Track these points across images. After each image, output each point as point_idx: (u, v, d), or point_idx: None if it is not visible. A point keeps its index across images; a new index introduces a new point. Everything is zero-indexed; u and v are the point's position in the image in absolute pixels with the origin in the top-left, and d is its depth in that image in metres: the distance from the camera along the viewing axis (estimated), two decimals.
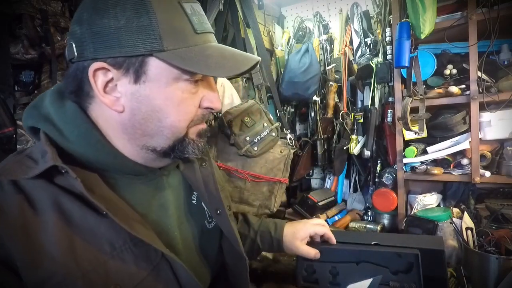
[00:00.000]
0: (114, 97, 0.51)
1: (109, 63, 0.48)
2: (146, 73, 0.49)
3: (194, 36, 0.51)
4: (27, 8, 1.13)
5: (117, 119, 0.52)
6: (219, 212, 0.67)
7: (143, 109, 0.51)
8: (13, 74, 1.19)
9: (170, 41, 0.48)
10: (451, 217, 1.21)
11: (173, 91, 0.51)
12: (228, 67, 0.51)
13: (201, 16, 0.53)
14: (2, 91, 1.20)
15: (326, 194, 1.67)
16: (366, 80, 1.59)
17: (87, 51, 0.48)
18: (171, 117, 0.52)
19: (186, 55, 0.49)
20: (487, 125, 1.29)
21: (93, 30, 0.47)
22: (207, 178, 0.69)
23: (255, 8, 1.54)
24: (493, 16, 1.16)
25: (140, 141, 0.54)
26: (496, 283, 0.96)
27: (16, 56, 1.15)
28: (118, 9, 0.47)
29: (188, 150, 0.56)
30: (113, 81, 0.50)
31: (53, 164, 0.46)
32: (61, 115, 0.52)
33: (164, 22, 0.47)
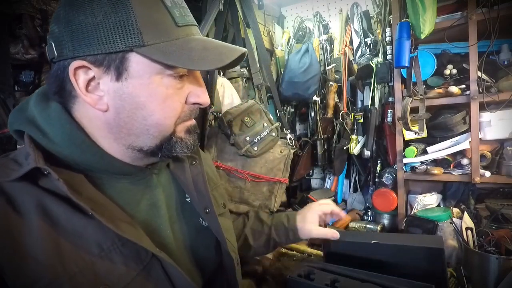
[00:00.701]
0: (97, 95, 0.49)
1: (89, 61, 0.47)
2: (128, 69, 0.48)
3: (175, 29, 0.49)
4: (27, 8, 1.13)
5: (102, 119, 0.51)
6: (208, 211, 0.66)
7: (127, 107, 0.50)
8: (13, 74, 1.19)
9: (150, 35, 0.47)
10: (451, 217, 1.21)
11: (157, 87, 0.50)
12: (211, 60, 0.50)
13: (183, 9, 0.51)
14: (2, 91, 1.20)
15: (326, 194, 1.67)
16: (366, 80, 1.59)
17: (66, 49, 0.47)
18: (156, 115, 0.51)
19: (167, 49, 0.47)
20: (487, 125, 1.29)
21: (71, 28, 0.46)
22: (197, 176, 0.68)
23: (255, 8, 1.54)
24: (493, 16, 1.16)
25: (126, 141, 0.53)
26: (496, 283, 0.96)
27: (16, 56, 1.15)
28: (94, 4, 0.46)
29: (176, 148, 0.55)
30: (95, 80, 0.49)
31: (35, 166, 0.45)
32: (45, 116, 0.51)
33: (143, 16, 0.46)
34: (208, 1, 1.38)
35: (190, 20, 0.52)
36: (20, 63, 1.19)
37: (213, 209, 0.66)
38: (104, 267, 0.48)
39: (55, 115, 0.51)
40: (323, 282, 0.82)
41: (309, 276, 0.85)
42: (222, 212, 0.76)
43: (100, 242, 0.48)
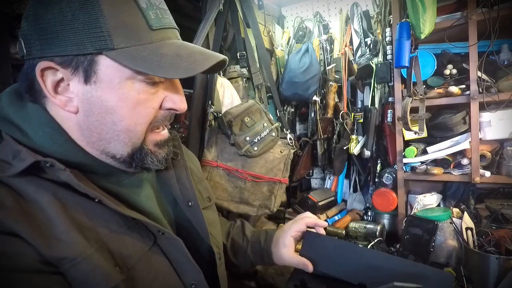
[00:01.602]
0: (66, 97, 0.48)
1: (56, 62, 0.45)
2: (97, 72, 0.46)
3: (148, 33, 0.47)
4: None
5: (73, 121, 0.50)
6: (191, 205, 0.65)
7: (95, 111, 0.48)
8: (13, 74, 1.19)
9: (120, 38, 0.45)
10: (451, 217, 1.21)
11: (128, 92, 0.48)
12: (182, 68, 0.47)
13: (160, 10, 0.49)
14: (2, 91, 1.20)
15: (326, 194, 1.67)
16: (366, 80, 1.59)
17: (34, 48, 0.46)
18: (126, 120, 0.49)
19: (137, 54, 0.45)
20: (487, 125, 1.29)
21: (39, 26, 0.45)
22: (179, 170, 0.68)
23: (255, 8, 1.54)
24: (493, 16, 1.16)
25: (99, 146, 0.51)
26: (496, 283, 0.96)
27: (16, 56, 1.14)
28: (63, 3, 0.44)
29: (147, 160, 0.54)
30: (64, 81, 0.47)
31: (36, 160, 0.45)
32: (23, 116, 0.49)
33: (112, 18, 0.44)
34: (208, 1, 1.38)
35: (167, 23, 0.50)
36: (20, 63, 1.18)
37: (197, 202, 0.66)
38: (114, 247, 0.49)
39: (34, 114, 0.49)
40: None
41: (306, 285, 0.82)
42: (207, 205, 0.75)
43: (108, 225, 0.50)
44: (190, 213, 0.65)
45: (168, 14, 0.51)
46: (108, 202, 0.49)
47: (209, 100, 1.33)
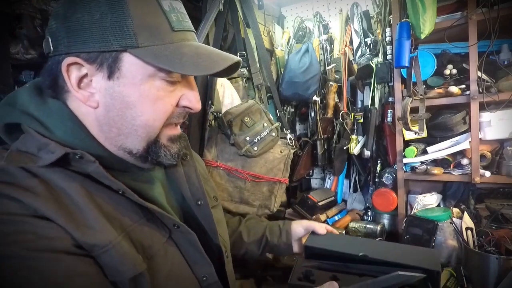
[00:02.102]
0: (88, 92, 0.50)
1: (82, 58, 0.48)
2: (120, 69, 0.48)
3: (170, 34, 0.50)
4: (27, 8, 1.13)
5: (93, 116, 0.52)
6: (200, 203, 0.67)
7: (117, 106, 0.50)
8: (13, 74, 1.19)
9: (144, 37, 0.47)
10: (451, 217, 1.21)
11: (148, 89, 0.50)
12: (202, 66, 0.50)
13: (181, 14, 0.52)
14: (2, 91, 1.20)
15: (326, 194, 1.67)
16: (366, 80, 1.59)
17: (61, 45, 0.48)
18: (145, 115, 0.51)
19: (160, 52, 0.48)
20: (487, 125, 1.29)
21: (67, 24, 0.47)
22: (189, 170, 0.69)
23: (255, 8, 1.54)
24: (493, 16, 1.16)
25: (117, 141, 0.53)
26: (496, 283, 0.97)
27: (16, 56, 1.15)
28: (92, 3, 0.46)
29: (160, 153, 0.56)
30: (88, 77, 0.50)
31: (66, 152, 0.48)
32: (45, 111, 0.51)
33: (138, 18, 0.47)
34: (208, 1, 1.38)
35: (186, 26, 0.53)
36: (20, 63, 1.19)
37: (206, 201, 0.68)
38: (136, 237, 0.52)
39: (56, 110, 0.52)
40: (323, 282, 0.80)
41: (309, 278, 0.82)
42: (214, 204, 0.77)
43: (130, 216, 0.53)
44: (199, 212, 0.67)
45: (187, 18, 0.54)
46: (131, 193, 0.52)
47: (209, 100, 1.33)
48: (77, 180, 0.49)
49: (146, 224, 0.55)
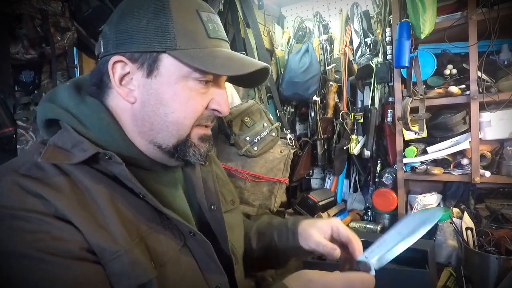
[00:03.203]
0: (128, 89, 0.55)
1: (126, 57, 0.53)
2: (158, 68, 0.54)
3: (206, 40, 0.55)
4: (27, 8, 1.13)
5: (130, 110, 0.56)
6: (213, 208, 0.67)
7: (152, 102, 0.55)
8: (13, 74, 1.19)
9: (182, 41, 0.53)
10: (451, 217, 1.21)
11: (182, 88, 0.55)
12: (233, 68, 0.54)
13: (217, 25, 0.57)
14: (2, 91, 1.20)
15: (326, 194, 1.67)
16: (366, 80, 1.59)
17: (110, 46, 0.55)
18: (176, 113, 0.55)
19: (195, 55, 0.53)
20: (487, 125, 1.29)
21: (118, 28, 0.54)
22: (207, 174, 0.71)
23: (255, 8, 1.54)
24: (493, 16, 1.16)
25: (149, 136, 0.57)
26: (496, 283, 0.97)
27: (16, 56, 1.14)
28: (141, 11, 0.53)
29: (189, 152, 0.58)
30: (130, 75, 0.55)
31: (97, 152, 0.51)
32: (83, 108, 0.55)
33: (179, 24, 0.53)
34: (208, 1, 1.38)
35: (221, 35, 0.58)
36: (20, 63, 1.19)
37: (219, 206, 0.68)
38: (151, 243, 0.53)
39: (94, 108, 0.56)
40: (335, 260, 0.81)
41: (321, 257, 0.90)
42: (230, 208, 0.76)
43: (148, 221, 0.54)
44: (211, 217, 0.67)
45: (222, 29, 0.59)
46: (151, 199, 0.53)
47: None
48: (103, 181, 0.52)
49: (162, 230, 0.56)
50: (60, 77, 1.29)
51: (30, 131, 1.25)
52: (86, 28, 1.35)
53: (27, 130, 1.25)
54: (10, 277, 0.43)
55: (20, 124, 1.24)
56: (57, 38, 1.21)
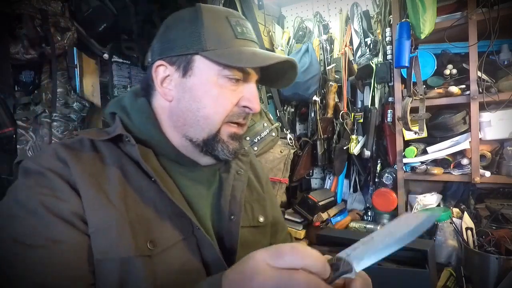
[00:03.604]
0: (167, 89, 0.63)
1: (167, 61, 0.61)
2: (192, 68, 0.60)
3: (233, 40, 0.60)
4: (27, 8, 1.13)
5: (168, 108, 0.63)
6: (232, 218, 0.66)
7: (186, 98, 0.61)
8: (13, 74, 1.19)
9: (212, 43, 0.59)
10: (451, 217, 1.21)
11: (213, 86, 0.60)
12: (256, 61, 0.59)
13: (246, 28, 0.64)
14: (2, 91, 1.20)
15: (326, 194, 1.67)
16: (366, 80, 1.59)
17: (155, 54, 0.63)
18: (207, 109, 0.60)
19: (223, 53, 0.59)
20: (487, 125, 1.29)
21: (162, 39, 0.63)
22: (237, 183, 0.71)
23: (255, 8, 1.54)
24: (493, 16, 1.16)
25: (182, 129, 0.63)
26: (496, 283, 0.97)
27: (16, 56, 1.15)
28: (179, 23, 0.62)
29: (217, 147, 0.62)
30: (169, 77, 0.62)
31: (120, 133, 0.59)
32: (133, 106, 0.65)
33: (209, 29, 0.59)
34: (208, 1, 1.38)
35: (249, 36, 0.64)
36: (20, 63, 1.19)
37: (239, 219, 0.66)
38: (155, 225, 0.57)
39: (140, 106, 0.65)
40: None
41: None
42: (254, 225, 0.74)
43: (156, 205, 0.58)
44: (228, 227, 0.66)
45: (252, 32, 0.66)
46: (161, 184, 0.57)
47: None
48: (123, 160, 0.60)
49: (170, 218, 0.59)
50: (60, 77, 1.29)
51: (30, 131, 1.25)
52: (86, 28, 1.35)
53: (27, 130, 1.25)
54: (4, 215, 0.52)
55: (20, 124, 1.24)
56: (57, 38, 1.21)
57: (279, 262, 0.38)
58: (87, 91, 1.43)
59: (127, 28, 1.49)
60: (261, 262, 0.38)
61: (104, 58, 1.46)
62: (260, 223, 0.75)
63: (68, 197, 0.52)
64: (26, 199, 0.52)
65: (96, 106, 1.43)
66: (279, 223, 0.83)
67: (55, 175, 0.53)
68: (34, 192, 0.52)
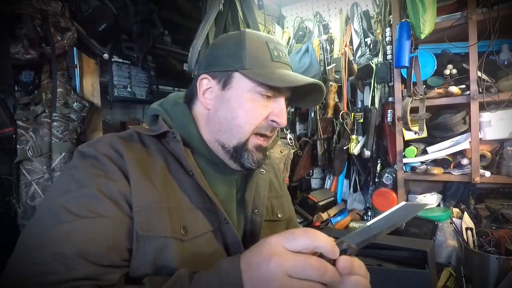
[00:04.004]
0: (208, 99, 0.71)
1: (210, 75, 0.70)
2: (231, 83, 0.68)
3: (269, 62, 0.68)
4: (27, 8, 1.13)
5: (206, 115, 0.72)
6: (256, 211, 0.75)
7: (223, 108, 0.69)
8: (13, 74, 1.18)
9: (251, 63, 0.67)
10: (451, 217, 1.21)
11: (247, 99, 0.67)
12: (286, 81, 0.65)
13: (282, 53, 0.70)
14: (2, 91, 1.20)
15: (326, 194, 1.67)
16: (366, 80, 1.59)
17: (201, 68, 0.73)
18: (240, 119, 0.67)
19: (258, 72, 0.66)
20: (487, 125, 1.29)
21: (208, 56, 0.72)
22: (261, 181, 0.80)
23: (255, 8, 1.54)
24: (493, 16, 1.16)
25: (216, 135, 0.70)
26: (496, 283, 0.97)
27: (16, 56, 1.15)
28: (225, 43, 0.70)
29: (244, 155, 0.69)
30: (211, 89, 0.70)
31: (167, 130, 0.68)
32: (175, 110, 0.74)
33: (250, 51, 0.67)
34: (208, 1, 1.38)
35: (284, 60, 0.70)
36: (20, 63, 1.19)
37: (262, 212, 0.75)
38: (188, 215, 0.64)
39: (181, 110, 0.74)
40: None
41: None
42: (274, 219, 0.82)
43: (190, 197, 0.66)
44: (251, 219, 0.74)
45: (286, 57, 0.72)
46: (198, 178, 0.65)
47: None
48: (166, 154, 0.68)
49: (202, 209, 0.66)
50: (60, 77, 1.29)
51: (30, 131, 1.25)
52: (86, 28, 1.35)
53: (27, 130, 1.25)
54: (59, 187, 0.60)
55: (20, 124, 1.24)
56: (57, 38, 1.21)
57: (294, 244, 0.43)
58: (87, 91, 1.43)
59: (127, 28, 1.49)
60: (277, 245, 0.44)
61: (104, 58, 1.46)
62: (279, 218, 0.84)
63: (118, 179, 0.60)
64: (80, 177, 0.59)
65: (96, 106, 1.43)
66: (291, 221, 0.91)
67: (108, 160, 0.61)
68: (88, 172, 0.60)
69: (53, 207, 0.56)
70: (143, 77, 1.63)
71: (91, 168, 0.61)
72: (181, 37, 1.76)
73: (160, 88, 1.73)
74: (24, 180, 1.23)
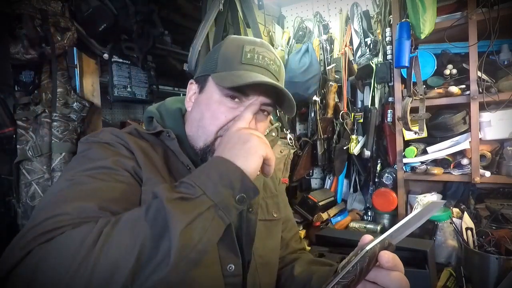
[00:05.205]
0: (191, 102, 0.76)
1: (195, 81, 0.76)
2: (205, 87, 0.72)
3: (238, 65, 0.69)
4: (27, 8, 1.13)
5: (188, 116, 0.77)
6: (250, 210, 0.75)
7: (196, 109, 0.74)
8: (13, 74, 1.18)
9: (221, 66, 0.69)
10: (451, 217, 1.21)
11: (214, 101, 0.70)
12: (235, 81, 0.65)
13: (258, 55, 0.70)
14: (2, 91, 1.20)
15: (326, 194, 1.67)
16: (366, 80, 1.59)
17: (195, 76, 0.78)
18: (204, 120, 0.70)
19: (224, 75, 0.68)
20: (487, 125, 1.29)
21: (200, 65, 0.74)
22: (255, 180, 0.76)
23: (255, 8, 1.54)
24: (493, 16, 1.16)
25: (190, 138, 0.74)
26: (496, 283, 0.97)
27: (16, 56, 1.15)
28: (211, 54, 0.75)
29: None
30: (194, 93, 0.75)
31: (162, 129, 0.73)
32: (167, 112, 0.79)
33: (222, 55, 0.70)
34: (208, 1, 1.38)
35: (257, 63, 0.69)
36: (20, 63, 1.19)
37: (256, 211, 0.77)
38: None
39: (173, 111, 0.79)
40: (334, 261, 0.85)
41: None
42: (269, 218, 0.83)
43: None
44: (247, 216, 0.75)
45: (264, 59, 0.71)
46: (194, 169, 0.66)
47: None
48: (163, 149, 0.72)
49: None
50: (60, 77, 1.29)
51: (30, 131, 1.25)
52: (86, 28, 1.35)
53: (27, 130, 1.25)
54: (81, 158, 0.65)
55: (20, 124, 1.24)
56: (57, 38, 1.21)
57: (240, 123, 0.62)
58: (87, 91, 1.43)
59: (127, 28, 1.49)
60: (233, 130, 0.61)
61: (104, 58, 1.46)
62: (274, 217, 0.84)
63: (131, 157, 0.66)
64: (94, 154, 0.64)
65: (96, 106, 1.43)
66: (289, 221, 0.92)
67: (119, 144, 0.67)
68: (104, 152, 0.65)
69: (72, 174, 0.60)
70: (143, 77, 1.63)
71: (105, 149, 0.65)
72: (181, 37, 1.76)
73: (160, 88, 1.74)
74: (24, 180, 1.23)
